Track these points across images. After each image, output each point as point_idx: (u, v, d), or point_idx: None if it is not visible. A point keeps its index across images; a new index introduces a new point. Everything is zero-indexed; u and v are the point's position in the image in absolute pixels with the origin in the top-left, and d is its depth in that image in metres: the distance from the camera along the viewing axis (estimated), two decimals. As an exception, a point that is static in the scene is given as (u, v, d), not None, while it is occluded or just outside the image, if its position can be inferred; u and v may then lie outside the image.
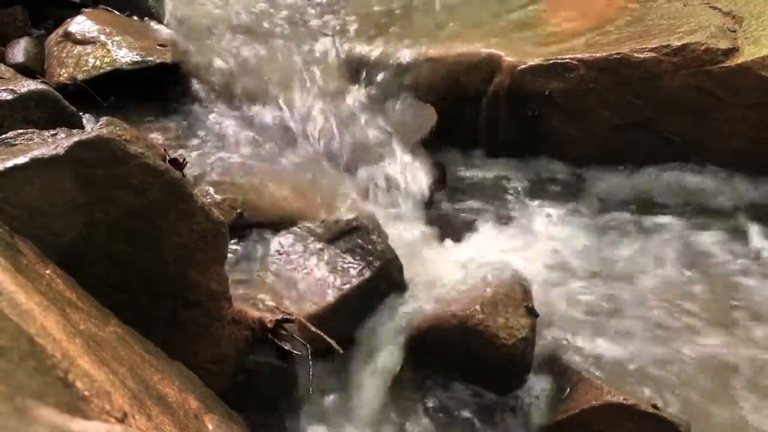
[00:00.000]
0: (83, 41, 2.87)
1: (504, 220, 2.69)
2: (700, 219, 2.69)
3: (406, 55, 3.07)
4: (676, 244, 2.55)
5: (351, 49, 3.20)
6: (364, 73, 3.11)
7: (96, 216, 1.43)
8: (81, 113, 2.39)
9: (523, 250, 2.48)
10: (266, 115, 2.88)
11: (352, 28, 3.35)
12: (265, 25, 3.36)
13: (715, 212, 2.73)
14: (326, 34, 3.33)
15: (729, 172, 2.80)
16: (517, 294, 2.08)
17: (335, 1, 3.59)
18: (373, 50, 3.15)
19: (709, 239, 2.58)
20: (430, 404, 2.02)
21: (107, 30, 2.93)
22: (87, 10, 3.19)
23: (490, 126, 3.03)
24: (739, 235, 2.60)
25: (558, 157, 2.97)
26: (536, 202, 2.83)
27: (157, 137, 2.56)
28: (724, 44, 2.69)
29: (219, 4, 3.45)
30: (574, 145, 2.94)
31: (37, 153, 1.37)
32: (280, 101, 2.91)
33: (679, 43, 2.72)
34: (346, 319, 2.05)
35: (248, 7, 3.47)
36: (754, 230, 2.61)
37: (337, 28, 3.37)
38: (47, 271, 1.28)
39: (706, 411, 1.90)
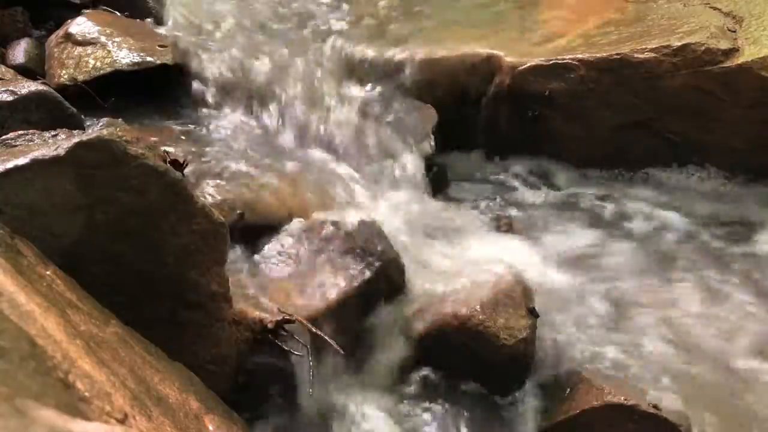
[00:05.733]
0: (84, 42, 2.87)
1: (504, 220, 2.69)
2: (701, 219, 2.69)
3: (406, 55, 3.07)
4: (678, 244, 2.55)
5: (352, 49, 3.20)
6: (365, 74, 3.11)
7: (96, 217, 1.43)
8: (81, 114, 2.40)
9: (524, 250, 2.48)
10: (267, 115, 2.88)
11: (353, 28, 3.35)
12: (266, 25, 3.37)
13: (716, 212, 2.73)
14: (327, 35, 3.33)
15: (729, 172, 2.80)
16: (517, 294, 2.08)
17: (336, 2, 3.59)
18: (373, 51, 3.15)
19: (711, 239, 2.58)
20: (430, 405, 2.02)
21: (108, 31, 2.93)
22: (87, 11, 3.19)
23: (490, 126, 3.03)
24: (741, 235, 2.59)
25: (558, 158, 2.97)
26: (537, 203, 2.83)
27: (157, 138, 2.56)
28: (724, 44, 2.69)
29: (219, 5, 3.45)
30: (574, 146, 2.94)
31: (37, 154, 1.37)
32: (281, 101, 2.91)
33: (680, 44, 2.72)
34: (347, 320, 2.05)
35: (249, 7, 3.47)
36: (755, 230, 2.61)
37: (338, 28, 3.37)
38: (48, 272, 1.28)
39: (706, 411, 1.90)
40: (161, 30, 3.13)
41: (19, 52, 2.95)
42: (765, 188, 2.77)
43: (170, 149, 2.43)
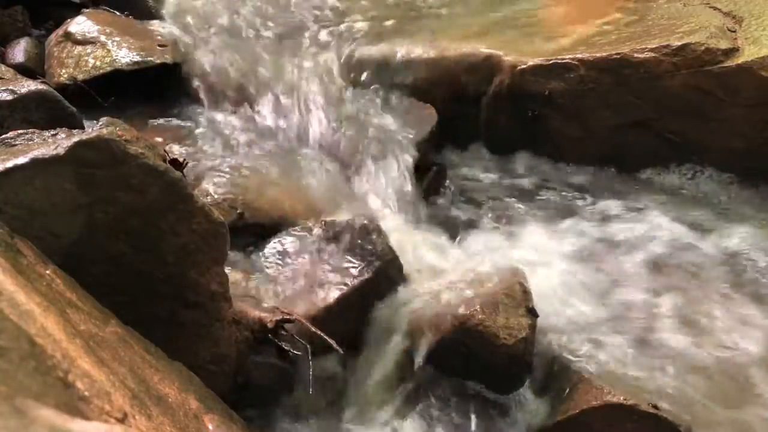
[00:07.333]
0: (83, 41, 2.88)
1: (504, 220, 2.69)
2: (702, 220, 2.69)
3: (406, 55, 3.07)
4: (678, 245, 2.55)
5: (351, 49, 3.20)
6: (365, 73, 3.11)
7: (96, 216, 1.44)
8: (81, 113, 2.40)
9: (523, 250, 2.48)
10: (266, 115, 2.88)
11: (353, 28, 3.35)
12: (266, 24, 3.37)
13: (717, 213, 2.72)
14: (327, 34, 3.33)
15: (729, 172, 2.80)
16: (517, 294, 2.07)
17: (336, 2, 3.59)
18: (373, 50, 3.15)
19: (711, 240, 2.58)
20: (429, 404, 2.02)
21: (107, 30, 2.94)
22: (87, 10, 3.19)
23: (490, 126, 3.03)
24: (741, 235, 2.59)
25: (558, 158, 2.97)
26: (536, 202, 2.83)
27: (157, 137, 2.56)
28: (724, 44, 2.69)
29: (220, 4, 3.45)
30: (574, 146, 2.94)
31: (37, 153, 1.37)
32: (280, 101, 2.91)
33: (679, 43, 2.72)
34: (346, 319, 2.05)
35: (249, 6, 3.47)
36: (754, 230, 2.61)
37: (338, 27, 3.37)
38: (47, 272, 1.28)
39: (706, 411, 1.90)
40: (161, 29, 3.13)
41: (19, 51, 2.95)
42: (765, 188, 2.76)
43: (170, 148, 2.43)
